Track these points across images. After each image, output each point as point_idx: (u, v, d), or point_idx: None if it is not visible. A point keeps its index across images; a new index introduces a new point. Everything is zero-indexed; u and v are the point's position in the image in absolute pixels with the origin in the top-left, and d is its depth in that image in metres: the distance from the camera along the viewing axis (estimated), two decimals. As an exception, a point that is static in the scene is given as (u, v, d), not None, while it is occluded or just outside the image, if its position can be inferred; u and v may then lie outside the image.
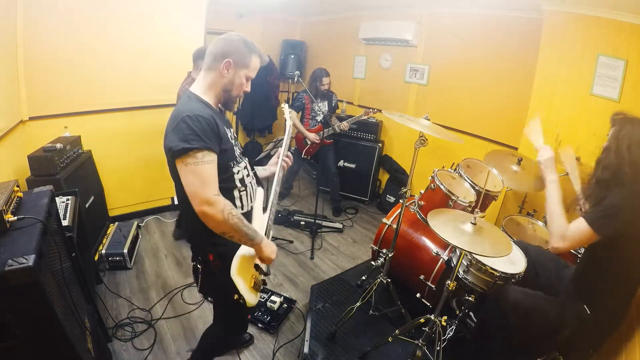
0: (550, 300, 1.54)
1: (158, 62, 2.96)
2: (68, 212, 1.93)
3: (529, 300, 1.56)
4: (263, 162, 4.95)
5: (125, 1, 2.78)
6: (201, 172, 1.10)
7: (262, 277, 1.39)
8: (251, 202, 1.40)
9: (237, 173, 1.31)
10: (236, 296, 1.25)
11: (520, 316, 1.54)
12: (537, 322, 1.54)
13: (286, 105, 1.97)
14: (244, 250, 1.28)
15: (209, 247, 1.27)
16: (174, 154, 1.09)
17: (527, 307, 1.55)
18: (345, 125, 3.66)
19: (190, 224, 1.27)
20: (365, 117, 3.67)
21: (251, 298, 1.28)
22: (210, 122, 1.14)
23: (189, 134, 1.09)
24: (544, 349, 1.59)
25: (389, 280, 2.12)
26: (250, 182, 1.39)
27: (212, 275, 1.31)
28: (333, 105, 3.72)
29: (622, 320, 1.46)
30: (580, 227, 1.33)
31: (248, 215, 1.36)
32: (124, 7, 2.78)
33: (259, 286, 1.37)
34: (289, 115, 1.84)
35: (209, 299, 1.74)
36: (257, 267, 1.33)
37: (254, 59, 1.28)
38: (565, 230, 1.37)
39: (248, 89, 1.33)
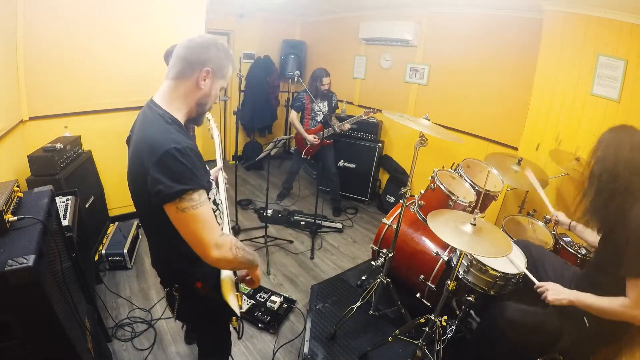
0: (548, 313, 1.53)
1: (158, 62, 2.96)
2: (68, 212, 1.93)
3: (526, 317, 1.56)
4: (263, 162, 4.96)
5: (126, 1, 2.78)
6: (202, 216, 0.95)
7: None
8: (223, 218, 1.34)
9: (212, 195, 1.18)
10: (234, 320, 1.25)
11: (517, 333, 1.55)
12: (535, 336, 1.54)
13: (212, 119, 1.76)
14: (225, 271, 1.24)
15: (197, 277, 1.17)
16: (165, 198, 0.91)
17: (523, 324, 1.55)
18: (345, 126, 3.66)
19: (165, 255, 1.17)
20: (365, 117, 3.67)
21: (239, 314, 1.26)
22: (198, 155, 0.98)
23: (181, 172, 0.92)
24: (542, 354, 1.60)
25: (389, 280, 2.12)
26: (220, 199, 1.33)
27: (197, 301, 1.23)
28: (333, 105, 3.72)
29: (624, 333, 1.45)
30: (636, 286, 1.25)
31: None
32: (124, 7, 2.78)
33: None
34: (214, 126, 1.73)
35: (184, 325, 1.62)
36: (236, 284, 1.30)
37: (230, 69, 1.13)
38: (629, 303, 1.26)
39: (218, 100, 1.18)
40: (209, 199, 1.11)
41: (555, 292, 1.45)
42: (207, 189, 1.03)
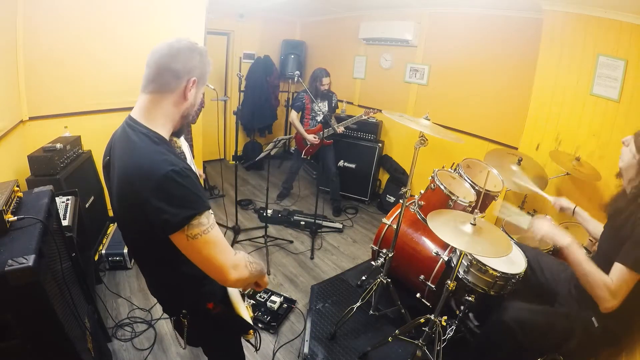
0: (557, 313, 1.51)
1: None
2: (68, 212, 1.93)
3: (536, 317, 1.53)
4: (263, 162, 4.96)
5: (126, 2, 2.78)
6: (215, 239, 0.88)
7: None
8: None
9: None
10: (251, 332, 1.20)
11: (527, 333, 1.52)
12: (544, 338, 1.52)
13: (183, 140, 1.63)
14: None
15: (205, 296, 1.10)
16: (173, 227, 0.83)
17: (533, 325, 1.52)
18: (345, 126, 3.66)
19: (169, 282, 1.08)
20: (365, 117, 3.68)
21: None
22: (195, 175, 0.90)
23: (184, 196, 0.84)
24: (547, 354, 1.59)
25: (389, 280, 2.12)
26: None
27: (208, 323, 1.15)
28: (333, 105, 3.72)
29: (630, 330, 1.44)
30: (623, 275, 1.23)
31: None
32: (124, 8, 2.78)
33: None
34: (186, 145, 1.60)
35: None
36: (242, 295, 1.28)
37: (209, 70, 1.03)
38: (610, 285, 1.25)
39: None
40: None
41: (547, 231, 1.47)
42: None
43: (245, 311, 1.21)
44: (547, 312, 1.53)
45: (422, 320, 1.83)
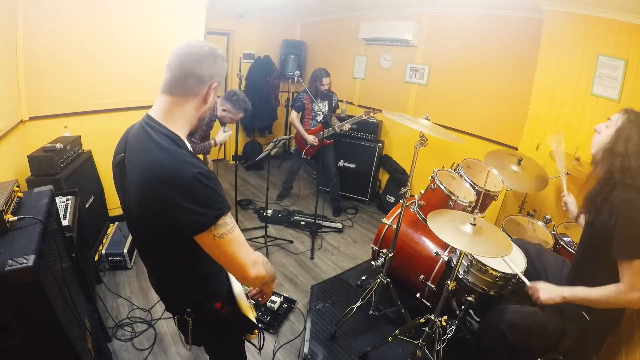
0: (549, 312, 1.50)
1: (158, 63, 2.96)
2: (68, 212, 1.93)
3: (527, 318, 1.54)
4: (263, 162, 4.96)
5: (126, 1, 2.78)
6: (238, 238, 0.93)
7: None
8: None
9: None
10: (256, 331, 1.23)
11: (519, 335, 1.52)
12: (538, 338, 1.52)
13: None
14: (237, 285, 1.22)
15: (211, 295, 1.12)
16: (201, 227, 0.86)
17: (525, 326, 1.52)
18: (345, 126, 3.66)
19: (179, 280, 1.08)
20: (366, 117, 3.67)
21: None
22: (216, 177, 0.93)
23: (211, 197, 0.87)
24: (545, 355, 1.59)
25: (389, 280, 2.12)
26: None
27: (214, 322, 1.17)
28: (333, 105, 3.72)
29: (621, 320, 1.45)
30: (630, 269, 1.22)
31: None
32: (124, 8, 2.78)
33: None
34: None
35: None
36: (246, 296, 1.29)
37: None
38: (623, 287, 1.24)
39: None
40: None
41: (547, 291, 1.43)
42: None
43: (250, 311, 1.22)
44: (537, 313, 1.53)
45: (422, 320, 1.83)
